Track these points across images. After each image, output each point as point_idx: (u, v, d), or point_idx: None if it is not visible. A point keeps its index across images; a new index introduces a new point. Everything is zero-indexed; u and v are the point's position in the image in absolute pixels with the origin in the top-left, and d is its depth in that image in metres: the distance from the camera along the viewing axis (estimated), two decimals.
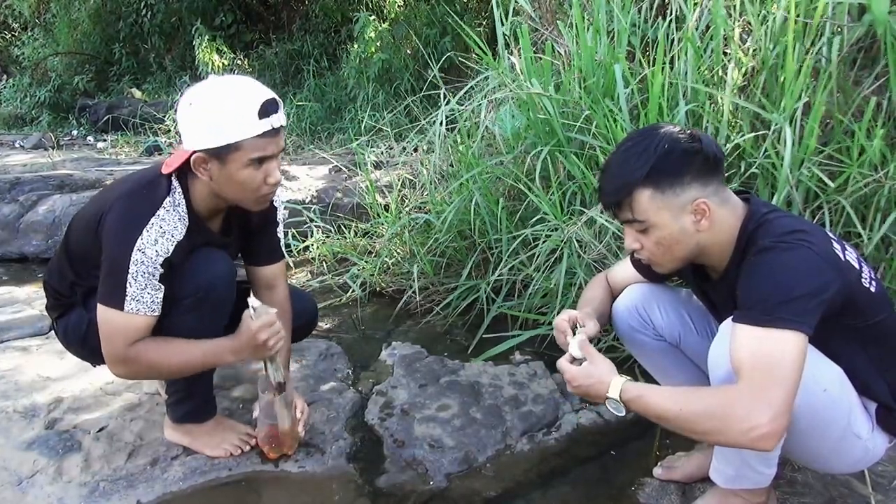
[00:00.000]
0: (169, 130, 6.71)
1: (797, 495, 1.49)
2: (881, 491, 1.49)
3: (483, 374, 2.13)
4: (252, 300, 1.50)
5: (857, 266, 1.21)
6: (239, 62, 7.77)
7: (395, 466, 1.69)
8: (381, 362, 2.27)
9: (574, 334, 1.37)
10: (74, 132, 8.06)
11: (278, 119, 1.40)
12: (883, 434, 1.27)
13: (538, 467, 1.69)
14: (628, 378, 1.21)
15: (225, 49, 7.55)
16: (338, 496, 1.58)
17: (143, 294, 1.43)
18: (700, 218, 1.21)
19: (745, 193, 1.30)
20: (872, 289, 1.21)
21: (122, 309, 1.42)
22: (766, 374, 1.06)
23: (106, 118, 7.69)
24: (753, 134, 1.95)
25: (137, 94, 8.53)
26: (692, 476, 1.57)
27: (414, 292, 2.65)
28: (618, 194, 1.24)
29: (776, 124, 1.87)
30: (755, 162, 1.92)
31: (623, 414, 1.21)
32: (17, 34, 11.23)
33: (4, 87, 10.21)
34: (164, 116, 7.01)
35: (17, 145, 6.87)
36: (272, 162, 1.44)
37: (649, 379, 1.63)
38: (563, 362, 1.30)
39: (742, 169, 1.99)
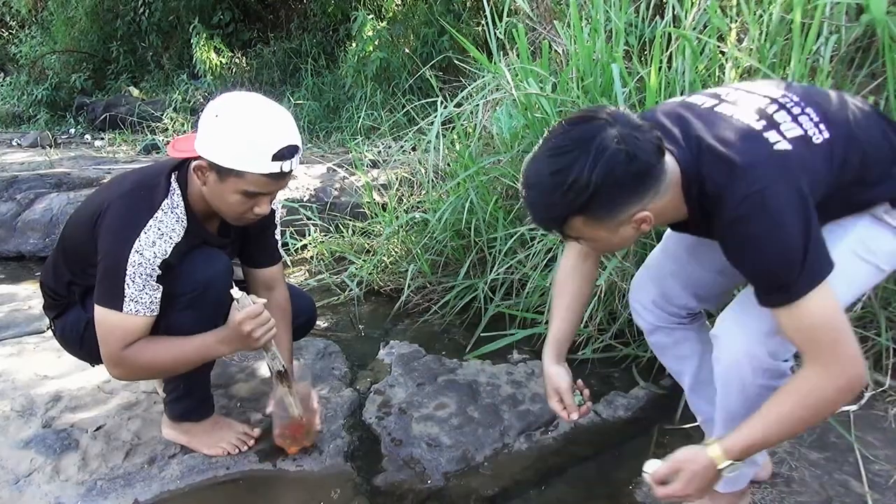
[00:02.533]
0: (167, 129, 6.70)
1: (794, 494, 1.50)
2: (878, 490, 1.49)
3: (481, 372, 2.14)
4: (234, 291, 1.48)
5: (801, 130, 1.12)
6: (237, 61, 7.76)
7: (393, 465, 1.69)
8: (378, 361, 2.27)
9: (574, 398, 1.40)
10: (72, 130, 8.03)
11: (289, 165, 1.40)
12: None
13: (536, 466, 1.69)
14: (709, 442, 1.16)
15: (223, 48, 7.54)
16: (335, 495, 1.58)
17: (142, 295, 1.43)
18: (640, 225, 1.13)
19: (667, 145, 1.15)
20: (826, 135, 1.12)
21: (120, 310, 1.42)
22: (820, 344, 1.07)
23: (103, 116, 7.66)
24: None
25: (135, 92, 8.51)
26: None
27: (412, 291, 2.65)
28: (547, 225, 1.17)
29: None
30: None
31: (741, 470, 1.19)
32: (14, 32, 11.18)
33: (1, 86, 10.18)
34: (162, 115, 7.00)
35: (14, 143, 6.85)
36: (266, 197, 1.46)
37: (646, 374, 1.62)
38: (662, 491, 1.19)
39: None
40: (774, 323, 1.14)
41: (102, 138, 7.06)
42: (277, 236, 1.77)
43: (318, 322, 2.47)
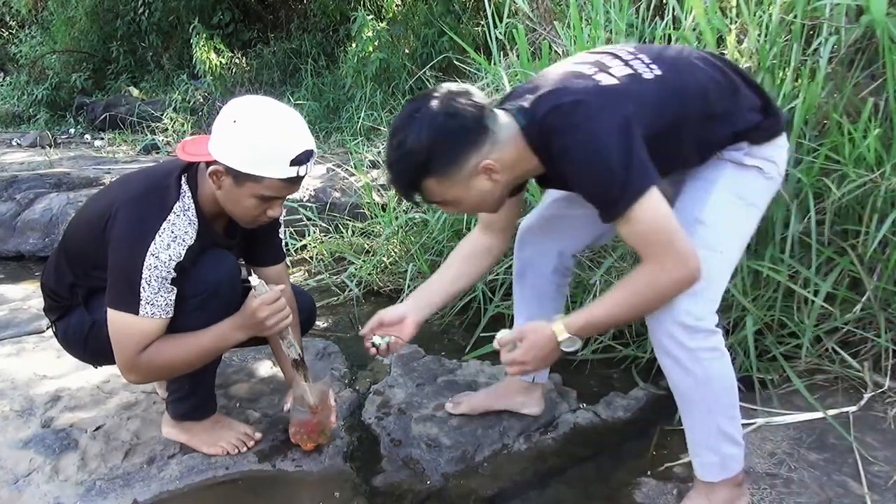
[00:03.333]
0: (166, 129, 6.70)
1: (793, 495, 1.50)
2: (877, 491, 1.49)
3: (480, 373, 2.14)
4: (253, 279, 1.50)
5: (631, 70, 1.28)
6: (237, 61, 7.75)
7: (392, 466, 1.69)
8: (378, 361, 2.27)
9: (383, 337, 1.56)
10: (72, 130, 8.02)
11: (305, 169, 1.41)
12: (764, 146, 1.36)
13: (535, 467, 1.69)
14: (559, 316, 1.31)
15: (223, 48, 7.53)
16: (335, 495, 1.58)
17: (157, 297, 1.43)
18: (490, 174, 1.27)
19: (509, 104, 1.33)
20: (658, 72, 1.28)
21: (136, 313, 1.42)
22: (656, 245, 1.21)
23: (103, 116, 7.65)
24: None
25: (135, 92, 8.50)
26: (477, 408, 1.85)
27: (411, 291, 2.64)
28: (407, 193, 1.32)
29: None
30: None
31: (579, 345, 1.31)
32: (14, 32, 11.19)
33: (1, 86, 10.18)
34: (162, 115, 7.00)
35: (14, 143, 6.84)
36: (279, 200, 1.48)
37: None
38: (506, 356, 1.36)
39: None
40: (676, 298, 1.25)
41: (102, 138, 7.06)
42: (282, 235, 1.78)
43: (317, 322, 2.47)
